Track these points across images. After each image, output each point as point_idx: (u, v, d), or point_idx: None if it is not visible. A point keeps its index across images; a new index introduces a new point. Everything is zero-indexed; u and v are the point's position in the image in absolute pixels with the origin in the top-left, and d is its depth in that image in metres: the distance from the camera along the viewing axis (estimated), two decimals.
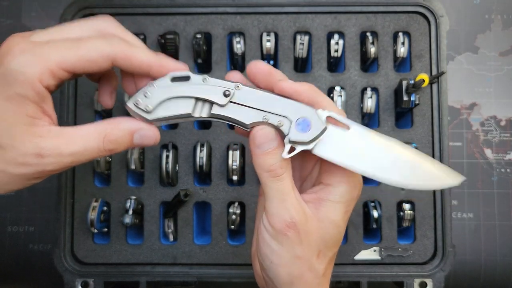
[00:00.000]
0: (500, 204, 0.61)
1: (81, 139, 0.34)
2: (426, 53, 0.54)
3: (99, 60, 0.34)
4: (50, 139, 0.33)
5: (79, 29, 0.35)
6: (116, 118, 0.35)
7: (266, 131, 0.34)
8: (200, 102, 0.35)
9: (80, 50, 0.33)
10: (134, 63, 0.35)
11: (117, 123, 0.35)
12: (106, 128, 0.34)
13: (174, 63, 0.36)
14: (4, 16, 0.63)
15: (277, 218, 0.34)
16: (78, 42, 0.33)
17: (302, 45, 0.54)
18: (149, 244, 0.53)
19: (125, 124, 0.35)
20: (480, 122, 0.62)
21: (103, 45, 0.34)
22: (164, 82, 0.35)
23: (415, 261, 0.52)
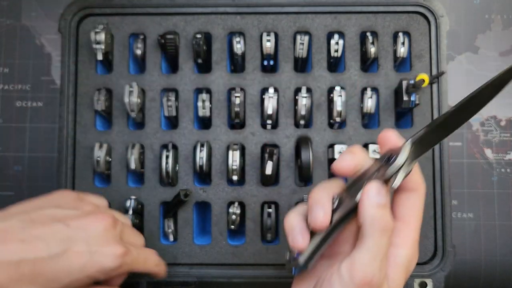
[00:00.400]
0: (500, 204, 0.61)
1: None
2: (426, 53, 0.54)
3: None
4: None
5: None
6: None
7: (380, 186, 0.34)
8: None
9: (144, 266, 0.44)
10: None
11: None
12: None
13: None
14: (4, 16, 0.63)
15: (361, 272, 0.33)
16: (146, 261, 0.44)
17: (302, 45, 0.54)
18: (149, 244, 0.52)
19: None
20: (480, 122, 0.62)
21: (154, 268, 0.46)
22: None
23: None
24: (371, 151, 0.52)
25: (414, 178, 0.36)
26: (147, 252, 0.45)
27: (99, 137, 0.54)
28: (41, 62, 0.63)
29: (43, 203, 0.41)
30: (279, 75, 0.54)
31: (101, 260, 0.38)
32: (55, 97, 0.62)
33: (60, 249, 0.37)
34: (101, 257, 0.38)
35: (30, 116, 0.62)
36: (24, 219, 0.38)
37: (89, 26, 0.55)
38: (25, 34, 0.63)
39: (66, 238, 0.38)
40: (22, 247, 0.36)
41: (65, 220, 0.39)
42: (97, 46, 0.52)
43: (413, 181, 0.36)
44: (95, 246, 0.38)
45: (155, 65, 0.54)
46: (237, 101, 0.53)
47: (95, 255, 0.38)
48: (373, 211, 0.33)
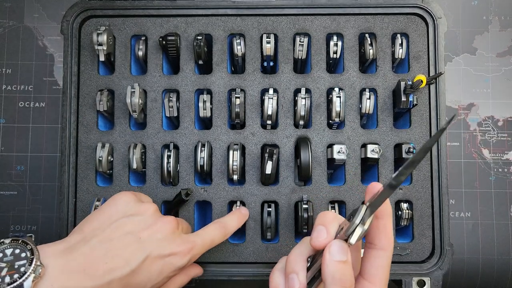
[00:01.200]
0: (497, 204, 0.61)
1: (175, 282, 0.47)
2: (424, 54, 0.55)
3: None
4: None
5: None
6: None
7: (341, 243, 0.35)
8: None
9: (212, 246, 0.48)
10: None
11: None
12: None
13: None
14: (6, 17, 0.64)
15: None
16: (213, 241, 0.48)
17: (302, 46, 0.54)
18: None
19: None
20: (477, 123, 0.63)
21: (223, 239, 0.49)
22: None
23: (413, 259, 0.53)
24: (370, 151, 0.52)
25: (384, 238, 0.37)
26: (211, 232, 0.47)
27: (101, 137, 0.54)
28: (44, 63, 0.63)
29: (113, 213, 0.44)
30: (278, 76, 0.55)
31: (174, 261, 0.43)
32: (58, 98, 0.63)
33: (138, 262, 0.41)
34: (174, 259, 0.43)
35: (32, 116, 0.62)
36: (102, 239, 0.41)
37: (91, 28, 0.55)
38: (27, 35, 0.64)
39: (141, 250, 0.41)
40: (109, 269, 0.40)
41: (137, 232, 0.42)
42: (99, 47, 0.52)
43: (382, 240, 0.37)
44: (166, 249, 0.43)
45: (156, 66, 0.55)
46: (237, 102, 0.54)
47: (168, 258, 0.43)
48: (333, 268, 0.34)
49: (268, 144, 0.54)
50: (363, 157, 0.54)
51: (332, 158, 0.52)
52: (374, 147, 0.53)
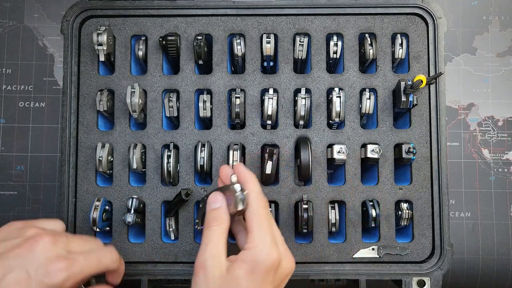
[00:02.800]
0: (497, 204, 0.62)
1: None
2: (424, 54, 0.55)
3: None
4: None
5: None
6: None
7: (214, 195, 0.45)
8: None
9: (100, 267, 0.45)
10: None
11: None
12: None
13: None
14: (6, 17, 0.64)
15: (197, 259, 0.43)
16: (100, 261, 0.45)
17: (302, 46, 0.54)
18: (150, 243, 0.53)
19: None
20: (477, 123, 0.63)
21: (113, 264, 0.47)
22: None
23: (413, 259, 0.53)
24: (370, 151, 0.52)
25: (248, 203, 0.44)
26: (100, 253, 0.46)
27: (101, 137, 0.54)
28: (44, 63, 0.63)
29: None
30: (278, 76, 0.55)
31: (44, 280, 0.41)
32: (58, 98, 0.63)
33: (6, 281, 0.40)
34: (43, 277, 0.41)
35: (32, 116, 0.63)
36: None
37: (91, 28, 0.55)
38: (27, 35, 0.64)
39: (4, 270, 0.40)
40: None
41: (5, 253, 0.42)
42: (99, 48, 0.52)
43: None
44: (35, 268, 0.41)
45: (156, 66, 0.55)
46: (238, 102, 0.54)
47: (34, 277, 0.40)
48: (209, 213, 0.45)
49: (268, 144, 0.54)
50: (363, 157, 0.54)
51: (332, 158, 0.53)
52: (374, 147, 0.53)
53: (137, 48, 0.55)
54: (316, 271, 0.53)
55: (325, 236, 0.53)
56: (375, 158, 0.52)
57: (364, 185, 0.54)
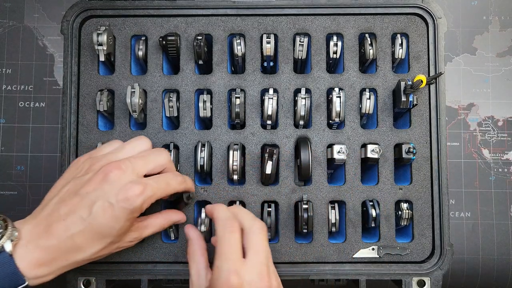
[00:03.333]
0: (497, 204, 0.62)
1: (152, 221, 0.50)
2: (424, 54, 0.55)
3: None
4: (136, 225, 0.49)
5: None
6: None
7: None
8: None
9: (168, 189, 0.48)
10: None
11: (169, 211, 0.53)
12: (167, 213, 0.52)
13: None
14: (6, 17, 0.64)
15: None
16: (168, 184, 0.48)
17: (302, 46, 0.54)
18: (150, 243, 0.53)
19: (176, 211, 0.53)
20: (477, 123, 0.63)
21: (180, 186, 0.49)
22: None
23: (413, 259, 0.53)
24: (370, 151, 0.52)
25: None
26: (167, 176, 0.48)
27: (101, 137, 0.54)
28: (44, 63, 0.63)
29: (66, 178, 0.48)
30: (279, 76, 0.55)
31: (126, 204, 0.44)
32: (58, 98, 0.63)
33: (87, 214, 0.44)
34: (124, 202, 0.44)
35: (32, 116, 0.63)
36: (57, 201, 0.45)
37: (91, 28, 0.55)
38: (27, 35, 0.64)
39: (89, 204, 0.44)
40: (66, 226, 0.43)
41: (79, 190, 0.45)
42: (99, 48, 0.52)
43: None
44: (114, 196, 0.44)
45: (156, 66, 0.55)
46: (238, 102, 0.54)
47: (118, 203, 0.44)
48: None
49: (268, 144, 0.54)
50: (363, 157, 0.54)
51: (332, 158, 0.53)
52: (374, 147, 0.53)
53: (137, 48, 0.55)
54: (316, 271, 0.53)
55: (325, 236, 0.53)
56: (375, 158, 0.52)
57: (364, 185, 0.54)
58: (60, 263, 0.44)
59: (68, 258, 0.44)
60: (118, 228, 0.45)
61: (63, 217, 0.44)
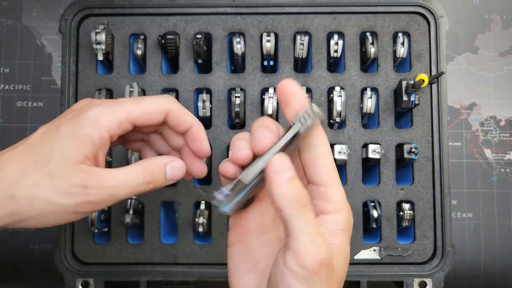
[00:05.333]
0: (499, 204, 0.61)
1: (122, 174, 0.38)
2: (426, 54, 0.55)
3: (157, 113, 0.40)
4: (95, 176, 0.37)
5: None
6: (152, 157, 0.42)
7: (283, 159, 0.32)
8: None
9: (144, 104, 0.40)
10: (181, 120, 0.41)
11: (152, 159, 0.41)
12: (144, 163, 0.40)
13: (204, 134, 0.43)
14: (4, 16, 0.64)
15: (310, 257, 0.30)
16: (142, 99, 0.41)
17: (302, 45, 0.54)
18: (149, 244, 0.53)
19: (159, 158, 0.41)
20: (479, 122, 0.62)
21: (162, 101, 0.40)
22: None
23: (414, 260, 0.53)
24: (371, 151, 0.52)
25: (315, 137, 0.34)
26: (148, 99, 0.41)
27: None
28: (42, 62, 0.63)
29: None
30: (279, 75, 0.54)
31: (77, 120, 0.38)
32: (56, 97, 0.62)
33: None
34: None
35: (30, 116, 0.62)
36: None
37: (90, 27, 0.55)
38: (25, 34, 0.63)
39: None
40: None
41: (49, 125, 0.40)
42: (98, 46, 0.52)
43: (313, 141, 0.34)
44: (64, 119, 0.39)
45: (155, 65, 0.55)
46: (237, 101, 0.53)
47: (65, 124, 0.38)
48: (286, 190, 0.31)
49: None
50: (364, 157, 0.53)
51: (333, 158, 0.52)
52: (376, 147, 0.52)
53: (136, 47, 0.55)
54: None
55: None
56: (376, 159, 0.52)
57: (365, 185, 0.53)
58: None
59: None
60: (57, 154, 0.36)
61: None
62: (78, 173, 0.37)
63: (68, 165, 0.37)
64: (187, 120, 0.41)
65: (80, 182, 0.36)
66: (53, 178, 0.36)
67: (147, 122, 0.40)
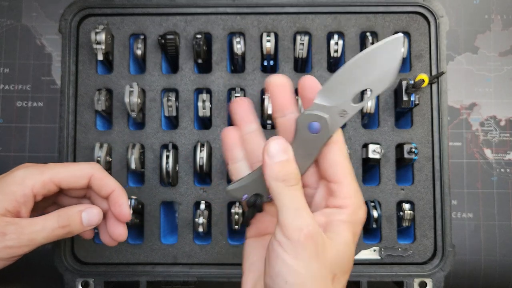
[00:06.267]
0: (499, 204, 0.61)
1: (40, 220, 0.42)
2: (426, 53, 0.55)
3: (81, 176, 0.44)
4: (14, 224, 0.41)
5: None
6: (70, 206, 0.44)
7: (279, 141, 0.34)
8: None
9: (70, 168, 0.44)
10: (103, 184, 0.44)
11: (69, 206, 0.44)
12: (61, 210, 0.43)
13: (124, 206, 0.45)
14: (4, 16, 0.63)
15: (294, 228, 0.32)
16: (69, 164, 0.45)
17: (302, 45, 0.54)
18: (149, 244, 0.53)
19: (76, 206, 0.44)
20: (479, 122, 0.62)
21: (86, 166, 0.45)
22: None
23: (415, 261, 0.53)
24: (371, 151, 0.52)
25: (338, 133, 0.36)
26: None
27: (99, 137, 0.54)
28: (42, 62, 0.63)
29: None
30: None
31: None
32: (56, 97, 0.62)
33: None
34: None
35: (30, 116, 0.62)
36: None
37: (90, 26, 0.55)
38: (25, 34, 0.63)
39: None
40: None
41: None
42: (98, 46, 0.52)
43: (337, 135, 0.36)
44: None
45: (155, 65, 0.55)
46: None
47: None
48: (273, 171, 0.34)
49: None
50: (364, 157, 0.53)
51: None
52: (376, 147, 0.52)
53: (136, 47, 0.54)
54: None
55: None
56: (376, 159, 0.52)
57: (365, 185, 0.53)
58: None
59: None
60: None
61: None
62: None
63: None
64: (109, 184, 0.45)
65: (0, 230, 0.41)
66: None
67: (72, 185, 0.44)
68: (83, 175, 0.44)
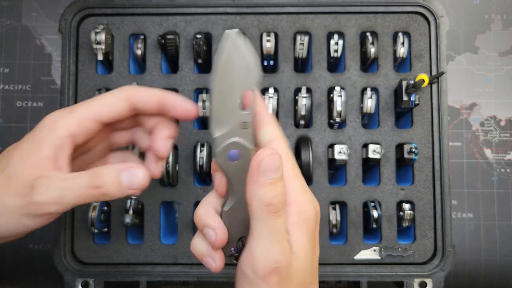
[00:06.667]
0: (500, 204, 0.61)
1: (72, 175, 0.37)
2: (426, 53, 0.54)
3: (119, 103, 0.38)
4: (44, 176, 0.36)
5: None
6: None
7: (277, 157, 0.31)
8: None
9: (101, 98, 0.39)
10: (148, 95, 0.38)
11: (108, 165, 0.38)
12: (96, 168, 0.38)
13: (182, 99, 0.39)
14: (4, 16, 0.63)
15: (262, 262, 0.30)
16: (102, 95, 0.40)
17: (302, 45, 0.54)
18: (149, 244, 0.53)
19: (115, 165, 0.38)
20: (480, 122, 0.62)
21: (118, 90, 0.39)
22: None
23: (415, 261, 0.53)
24: (371, 151, 0.52)
25: (268, 132, 0.34)
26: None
27: None
28: (42, 62, 0.63)
29: None
30: (279, 75, 0.54)
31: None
32: (56, 97, 0.62)
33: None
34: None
35: (30, 116, 0.62)
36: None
37: (90, 26, 0.55)
38: (25, 34, 0.63)
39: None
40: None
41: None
42: (98, 46, 0.52)
43: (267, 136, 0.34)
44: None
45: (155, 65, 0.55)
46: None
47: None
48: (261, 191, 0.30)
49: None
50: (364, 157, 0.53)
51: (333, 158, 0.52)
52: (376, 147, 0.52)
53: (136, 47, 0.54)
54: None
55: (326, 237, 0.52)
56: (376, 159, 0.52)
57: (365, 185, 0.53)
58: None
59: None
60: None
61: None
62: (29, 174, 0.36)
63: (23, 167, 0.36)
64: (153, 93, 0.39)
65: (29, 182, 0.36)
66: (8, 179, 0.36)
67: (111, 114, 0.38)
68: (119, 98, 0.38)
